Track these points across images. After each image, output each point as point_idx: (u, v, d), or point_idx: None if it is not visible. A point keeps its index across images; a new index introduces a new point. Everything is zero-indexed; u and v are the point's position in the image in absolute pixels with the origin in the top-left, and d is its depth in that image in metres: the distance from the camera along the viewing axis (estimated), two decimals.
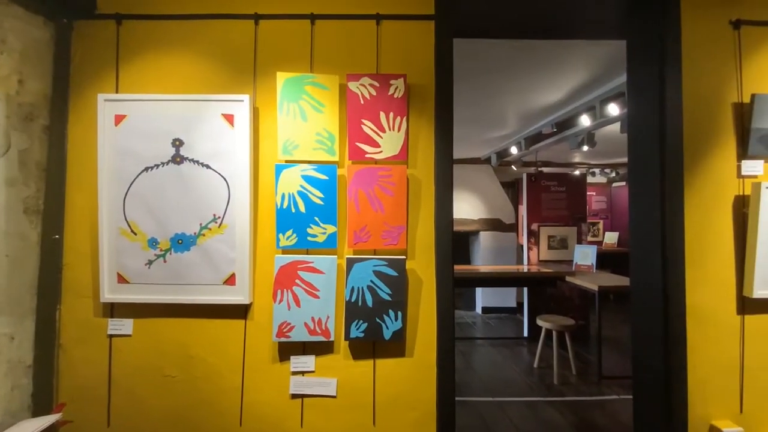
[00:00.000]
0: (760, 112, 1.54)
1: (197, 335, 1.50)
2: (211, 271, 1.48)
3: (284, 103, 1.47)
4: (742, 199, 1.58)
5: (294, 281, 1.47)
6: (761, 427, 1.58)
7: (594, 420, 2.83)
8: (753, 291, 1.53)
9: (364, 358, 1.51)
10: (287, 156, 1.48)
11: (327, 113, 1.48)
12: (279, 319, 1.46)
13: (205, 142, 1.47)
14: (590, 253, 4.53)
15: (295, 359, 1.49)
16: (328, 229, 1.49)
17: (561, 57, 2.50)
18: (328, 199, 1.48)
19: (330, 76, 1.48)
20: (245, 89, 1.51)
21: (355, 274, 1.48)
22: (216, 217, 1.48)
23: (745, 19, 1.59)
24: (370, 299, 1.48)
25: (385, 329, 1.47)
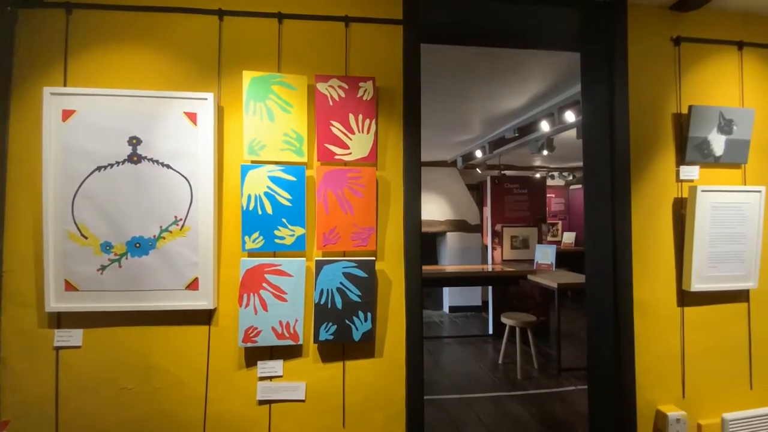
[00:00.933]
0: (697, 122, 1.70)
1: (156, 344, 1.43)
2: (172, 276, 1.41)
3: (251, 103, 1.44)
4: (681, 202, 1.74)
5: (261, 285, 1.44)
6: (701, 410, 1.74)
7: (553, 411, 2.98)
8: (691, 285, 1.68)
9: (334, 360, 1.50)
10: (253, 156, 1.44)
11: (295, 114, 1.47)
12: (245, 324, 1.42)
13: (166, 141, 1.41)
14: (550, 253, 4.77)
15: (262, 364, 1.46)
16: (297, 231, 1.47)
17: (522, 65, 2.62)
18: (296, 200, 1.46)
19: (298, 76, 1.47)
20: (209, 87, 1.46)
21: (324, 276, 1.47)
22: (178, 219, 1.42)
23: (685, 36, 1.75)
24: (340, 301, 1.47)
25: (355, 330, 1.48)
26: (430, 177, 6.04)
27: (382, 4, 1.57)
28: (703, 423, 1.72)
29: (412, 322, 1.54)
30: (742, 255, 1.72)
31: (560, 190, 7.88)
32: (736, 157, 1.75)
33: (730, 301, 1.77)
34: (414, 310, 1.55)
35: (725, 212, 1.69)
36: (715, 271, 1.70)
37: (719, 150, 1.72)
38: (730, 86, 1.79)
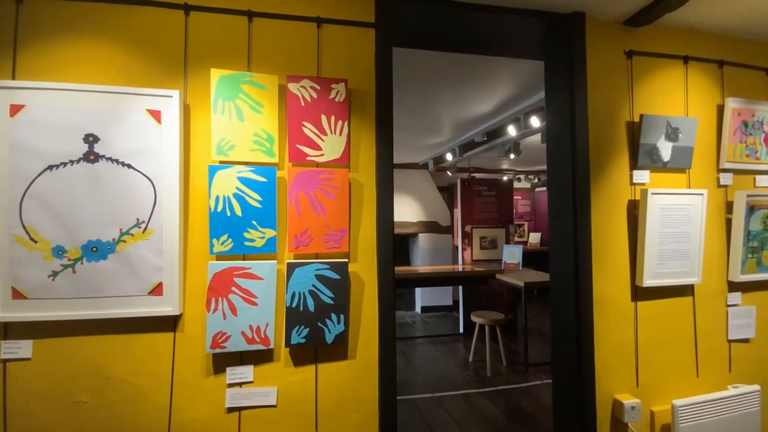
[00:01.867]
0: (647, 129, 1.83)
1: (116, 354, 1.35)
2: (133, 281, 1.34)
3: (219, 102, 1.40)
4: (634, 203, 1.86)
5: (230, 289, 1.40)
6: (653, 397, 1.86)
7: (521, 405, 3.10)
8: (643, 281, 1.81)
9: (306, 363, 1.49)
10: (222, 157, 1.41)
11: (266, 114, 1.44)
12: (213, 330, 1.38)
13: (127, 140, 1.34)
14: (517, 253, 4.95)
15: (231, 370, 1.42)
16: (267, 234, 1.44)
17: (491, 71, 2.71)
18: (266, 202, 1.44)
19: (269, 76, 1.44)
20: (174, 84, 1.41)
21: (296, 278, 1.45)
22: (140, 222, 1.35)
23: (636, 50, 1.88)
24: (312, 304, 1.46)
25: (328, 333, 1.47)
26: (403, 179, 6.10)
27: (355, 6, 1.58)
28: (656, 409, 1.85)
29: (384, 323, 1.55)
30: (688, 252, 1.87)
31: (526, 192, 8.19)
32: (682, 163, 1.90)
33: (678, 295, 1.92)
34: (387, 311, 1.56)
35: (672, 213, 1.83)
36: (664, 268, 1.83)
37: (667, 156, 1.87)
38: (676, 97, 1.94)
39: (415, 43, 1.97)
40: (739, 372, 2.00)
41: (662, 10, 1.72)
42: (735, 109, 1.95)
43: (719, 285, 1.98)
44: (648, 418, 1.85)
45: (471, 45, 2.05)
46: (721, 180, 1.98)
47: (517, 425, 2.80)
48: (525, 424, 2.81)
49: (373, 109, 1.58)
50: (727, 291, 1.99)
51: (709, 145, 1.98)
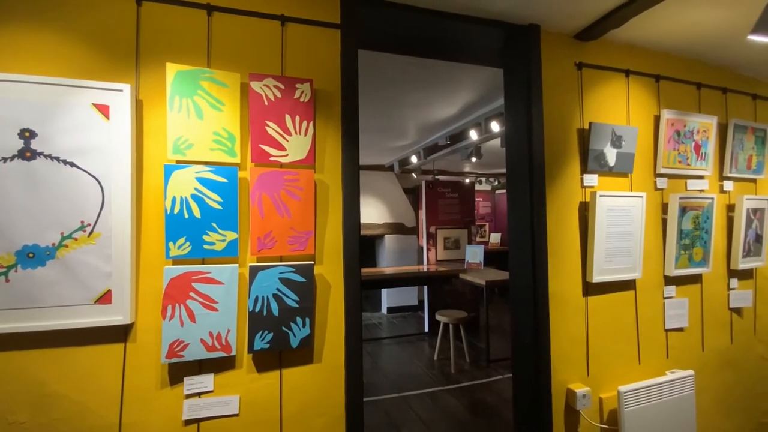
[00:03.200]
0: (595, 136, 1.97)
1: (57, 369, 1.24)
2: (77, 289, 1.24)
3: (176, 98, 1.33)
4: (585, 205, 2.00)
5: (188, 294, 1.33)
6: (602, 385, 2.00)
7: (484, 400, 3.20)
8: (593, 277, 1.94)
9: (270, 369, 1.45)
10: (179, 156, 1.34)
11: (227, 112, 1.39)
12: (170, 338, 1.30)
13: (69, 136, 1.24)
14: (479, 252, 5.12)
15: (189, 380, 1.35)
16: (228, 236, 1.39)
17: (454, 77, 2.79)
18: (227, 203, 1.39)
19: (231, 73, 1.39)
20: (125, 78, 1.32)
21: (259, 282, 1.41)
22: (85, 225, 1.25)
23: (585, 63, 2.02)
24: (276, 308, 1.43)
25: (293, 337, 1.44)
26: (369, 180, 6.11)
27: (320, 6, 1.57)
28: (604, 396, 1.99)
29: (351, 325, 1.55)
30: (630, 250, 2.03)
31: (487, 194, 8.51)
32: (625, 168, 2.06)
33: (622, 289, 2.08)
34: (353, 313, 1.56)
35: (617, 214, 1.98)
36: (610, 265, 1.98)
37: (612, 161, 2.02)
38: (620, 107, 2.11)
39: (380, 46, 1.99)
40: (675, 358, 2.20)
41: (607, 27, 1.86)
42: (669, 119, 2.15)
43: (657, 279, 2.17)
44: (597, 404, 1.98)
45: (435, 51, 2.10)
46: (657, 184, 2.18)
47: (480, 420, 2.89)
48: (488, 418, 2.92)
49: (339, 110, 1.57)
50: (664, 285, 2.19)
51: (647, 151, 2.16)
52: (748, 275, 2.48)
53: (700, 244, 2.22)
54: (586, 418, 1.94)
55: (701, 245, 2.23)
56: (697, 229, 2.20)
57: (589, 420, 1.95)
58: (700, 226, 2.21)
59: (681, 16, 1.83)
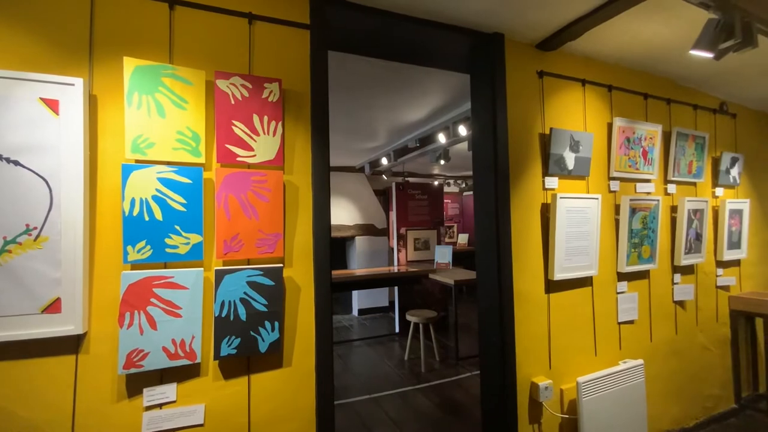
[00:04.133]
0: (555, 141, 2.08)
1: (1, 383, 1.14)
2: (22, 298, 1.14)
3: (134, 94, 1.27)
4: (546, 206, 2.10)
5: (148, 300, 1.27)
6: (563, 377, 2.11)
7: (453, 397, 3.27)
8: (554, 275, 2.04)
9: (238, 375, 1.41)
10: (139, 155, 1.27)
11: (191, 110, 1.34)
12: (127, 347, 1.23)
13: (13, 132, 1.14)
14: (447, 253, 5.23)
15: (149, 391, 1.28)
16: (193, 239, 1.34)
17: (423, 81, 2.84)
18: (192, 205, 1.34)
19: (195, 70, 1.35)
20: (78, 71, 1.24)
21: (225, 286, 1.37)
22: (30, 228, 1.16)
23: (546, 71, 2.13)
24: (244, 312, 1.39)
25: (261, 342, 1.41)
26: (339, 182, 6.08)
27: (289, 6, 1.55)
28: (564, 387, 2.10)
29: (321, 327, 1.54)
30: (587, 249, 2.16)
31: (455, 196, 8.71)
32: (582, 171, 2.19)
33: (581, 286, 2.21)
34: (324, 316, 1.54)
35: (576, 215, 2.10)
36: (570, 263, 2.09)
37: (571, 165, 2.14)
38: (578, 114, 2.24)
39: (350, 48, 1.99)
40: (627, 349, 2.36)
41: (564, 38, 1.98)
42: (620, 127, 2.31)
43: (611, 276, 2.32)
44: (558, 396, 2.09)
45: (404, 54, 2.14)
46: (611, 186, 2.33)
47: (450, 417, 2.95)
48: (457, 415, 2.98)
49: (309, 111, 1.56)
50: (617, 281, 2.34)
51: (601, 156, 2.31)
52: (689, 270, 2.70)
53: (647, 243, 2.40)
54: (549, 409, 2.04)
55: (649, 243, 2.41)
56: (645, 228, 2.38)
57: (551, 411, 2.05)
58: (648, 226, 2.39)
59: (629, 31, 1.97)
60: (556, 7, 1.75)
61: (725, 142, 2.96)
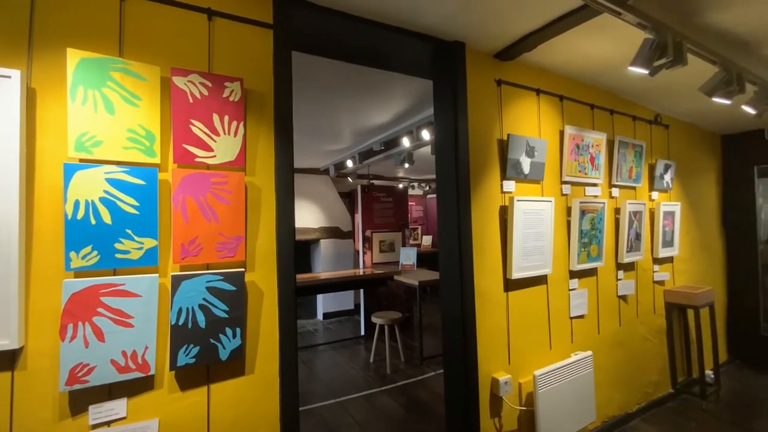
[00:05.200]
0: (512, 147, 2.19)
1: None
2: None
3: (79, 88, 1.18)
4: (504, 209, 2.20)
5: (94, 310, 1.18)
6: (521, 371, 2.21)
7: (418, 397, 3.32)
8: (512, 274, 2.15)
9: (196, 386, 1.34)
10: (84, 154, 1.18)
11: (145, 108, 1.27)
12: (70, 362, 1.14)
13: None
14: (412, 254, 5.31)
15: (96, 408, 1.19)
16: (146, 243, 1.27)
17: (387, 85, 2.88)
18: (145, 207, 1.26)
19: (149, 66, 1.28)
20: (15, 63, 1.13)
21: (183, 293, 1.31)
22: None
23: (504, 80, 2.24)
24: (203, 319, 1.33)
25: (222, 349, 1.36)
26: (303, 184, 5.98)
27: (251, 4, 1.51)
28: (522, 381, 2.20)
29: (285, 333, 1.51)
30: (542, 249, 2.29)
31: (419, 198, 8.87)
32: (537, 175, 2.32)
33: (537, 284, 2.33)
34: (288, 321, 1.52)
35: (531, 216, 2.22)
36: (527, 262, 2.21)
37: (527, 169, 2.26)
38: (533, 121, 2.37)
39: (314, 49, 1.98)
40: (578, 342, 2.52)
41: (520, 50, 2.09)
42: (571, 134, 2.47)
43: (563, 273, 2.48)
44: (517, 389, 2.19)
45: (368, 58, 2.16)
46: (563, 190, 2.49)
47: (414, 416, 2.99)
48: (422, 414, 3.03)
49: (272, 112, 1.53)
50: (569, 278, 2.50)
51: (554, 161, 2.46)
52: (631, 267, 2.95)
53: (595, 242, 2.59)
54: (508, 403, 2.13)
55: (596, 243, 2.60)
56: (593, 229, 2.57)
57: (510, 404, 2.14)
58: (596, 227, 2.58)
59: (577, 47, 2.12)
60: (511, 21, 1.85)
61: (659, 150, 3.27)
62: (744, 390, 3.33)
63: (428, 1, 1.67)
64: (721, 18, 1.81)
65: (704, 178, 3.85)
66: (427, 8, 1.72)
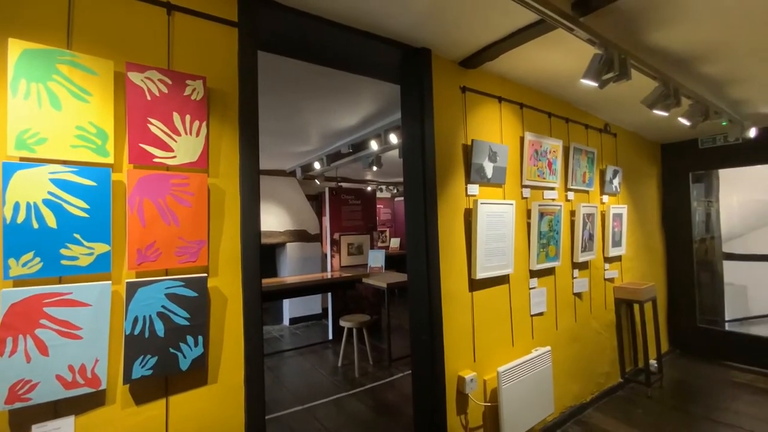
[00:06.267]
0: (476, 152, 2.27)
1: None
2: None
3: (21, 82, 1.09)
4: (469, 212, 2.27)
5: (37, 322, 1.09)
6: (486, 368, 2.29)
7: (387, 398, 3.33)
8: (477, 274, 2.22)
9: (153, 399, 1.27)
10: (26, 152, 1.09)
11: (96, 104, 1.19)
12: (10, 379, 1.04)
13: None
14: (380, 257, 5.33)
15: (39, 428, 1.09)
16: (97, 249, 1.19)
17: (356, 88, 2.88)
18: (97, 210, 1.18)
19: (102, 59, 1.20)
20: None
21: (139, 300, 1.24)
22: None
23: (468, 87, 2.32)
24: (162, 327, 1.27)
25: (182, 359, 1.29)
26: (269, 186, 5.83)
27: (215, 1, 1.46)
28: (486, 378, 2.28)
29: (251, 339, 1.47)
30: (505, 249, 2.38)
31: (387, 201, 8.93)
32: (499, 179, 2.42)
33: (499, 284, 2.43)
34: (253, 327, 1.47)
35: (494, 219, 2.31)
36: (490, 263, 2.29)
37: (489, 173, 2.35)
38: (495, 128, 2.47)
39: (281, 50, 1.95)
40: (538, 338, 2.65)
41: (484, 59, 2.18)
42: (530, 140, 2.60)
43: (524, 273, 2.59)
44: (482, 386, 2.26)
45: (336, 61, 2.15)
46: (523, 193, 2.61)
47: (383, 419, 3.00)
48: (391, 415, 3.04)
49: (237, 112, 1.49)
50: (529, 277, 2.63)
51: (515, 166, 2.58)
52: (585, 266, 3.14)
53: (553, 243, 2.73)
54: (474, 400, 2.19)
55: (554, 243, 2.74)
56: (551, 230, 2.71)
57: (476, 401, 2.21)
58: (553, 228, 2.73)
59: (535, 58, 2.24)
60: (474, 31, 1.92)
61: (609, 157, 3.52)
62: (683, 377, 3.64)
63: (395, 8, 1.70)
64: (660, 38, 1.99)
65: (646, 183, 4.18)
66: (394, 14, 1.75)
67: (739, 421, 2.80)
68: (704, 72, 2.42)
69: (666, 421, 2.84)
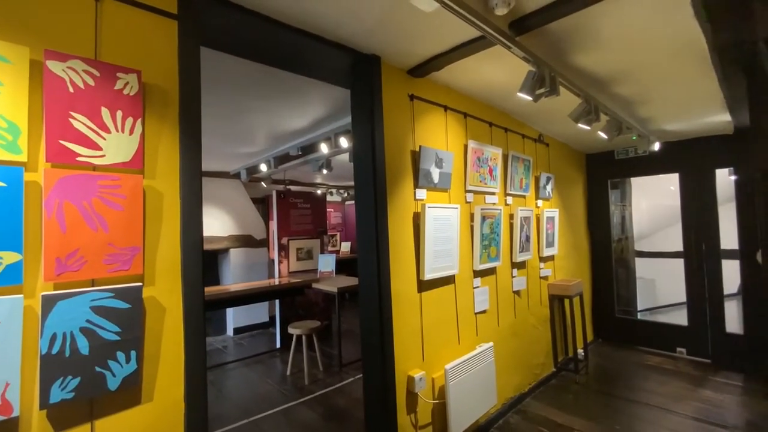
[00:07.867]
0: (424, 158, 2.36)
1: None
2: None
3: None
4: (417, 215, 2.35)
5: None
6: (434, 367, 2.36)
7: (338, 404, 3.30)
8: (425, 275, 2.30)
9: (76, 424, 1.14)
10: None
11: (7, 95, 1.05)
12: None
13: None
14: (330, 261, 5.28)
15: None
16: (7, 258, 1.05)
17: (306, 90, 2.84)
18: (5, 214, 1.04)
19: (14, 45, 1.07)
20: None
21: (59, 315, 1.11)
22: None
23: (416, 95, 2.40)
24: (86, 345, 1.15)
25: (111, 378, 1.18)
26: (211, 188, 5.50)
27: None
28: (434, 376, 2.36)
29: (192, 352, 1.38)
30: (450, 251, 2.50)
31: (338, 205, 8.87)
32: (445, 184, 2.54)
33: (446, 284, 2.53)
34: (196, 339, 1.39)
35: (441, 222, 2.41)
36: (437, 264, 2.39)
37: (436, 179, 2.46)
38: (441, 135, 2.59)
39: (227, 47, 1.87)
40: (482, 334, 2.80)
41: (430, 69, 2.28)
42: (473, 148, 2.76)
43: (468, 273, 2.74)
44: (431, 384, 2.34)
45: (284, 63, 2.11)
46: (467, 198, 2.76)
47: (333, 424, 2.96)
48: (342, 421, 3.02)
49: (177, 110, 1.40)
50: (473, 277, 2.77)
51: (460, 172, 2.72)
52: (523, 266, 3.39)
53: (494, 244, 2.92)
54: (423, 398, 2.26)
55: (495, 245, 2.93)
56: (492, 233, 2.89)
57: (425, 399, 2.27)
58: (494, 231, 2.91)
59: (477, 71, 2.40)
60: (421, 42, 2.00)
61: (542, 165, 3.84)
62: (605, 363, 4.07)
63: (346, 14, 1.72)
64: (582, 60, 2.23)
65: (574, 188, 4.63)
66: (345, 20, 1.77)
67: (651, 399, 3.20)
68: (617, 92, 2.75)
69: (592, 403, 3.16)
